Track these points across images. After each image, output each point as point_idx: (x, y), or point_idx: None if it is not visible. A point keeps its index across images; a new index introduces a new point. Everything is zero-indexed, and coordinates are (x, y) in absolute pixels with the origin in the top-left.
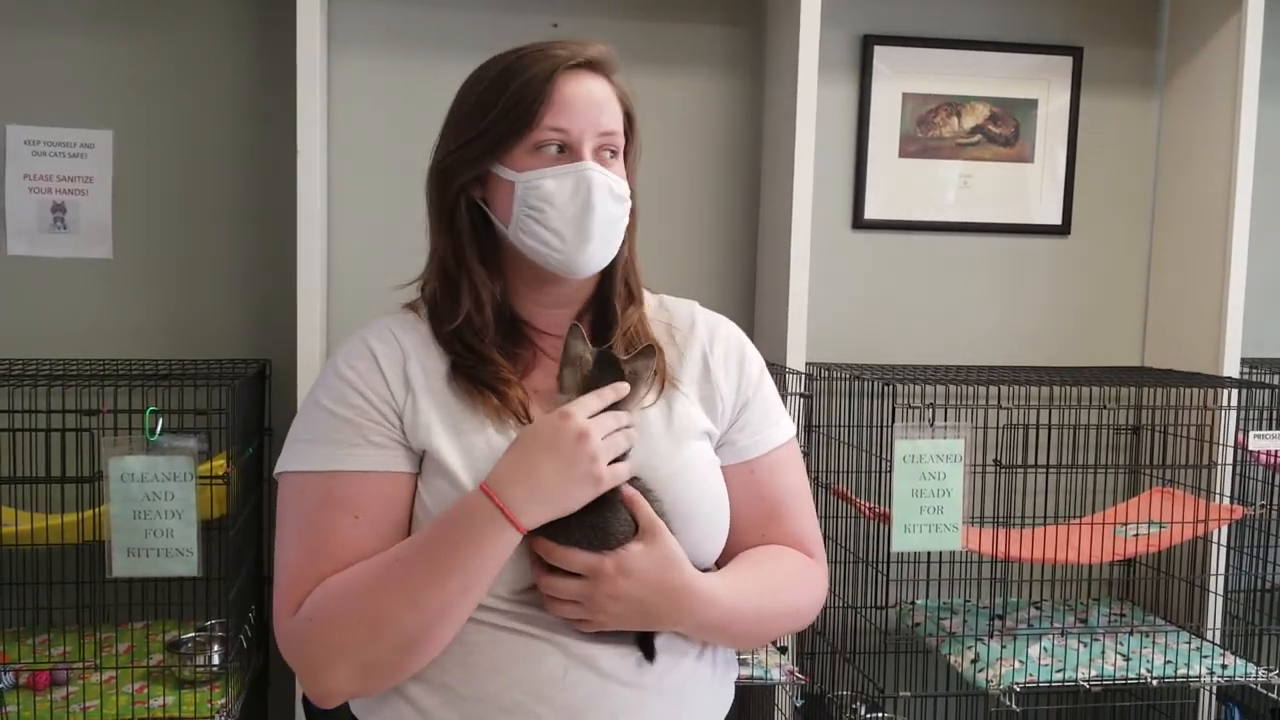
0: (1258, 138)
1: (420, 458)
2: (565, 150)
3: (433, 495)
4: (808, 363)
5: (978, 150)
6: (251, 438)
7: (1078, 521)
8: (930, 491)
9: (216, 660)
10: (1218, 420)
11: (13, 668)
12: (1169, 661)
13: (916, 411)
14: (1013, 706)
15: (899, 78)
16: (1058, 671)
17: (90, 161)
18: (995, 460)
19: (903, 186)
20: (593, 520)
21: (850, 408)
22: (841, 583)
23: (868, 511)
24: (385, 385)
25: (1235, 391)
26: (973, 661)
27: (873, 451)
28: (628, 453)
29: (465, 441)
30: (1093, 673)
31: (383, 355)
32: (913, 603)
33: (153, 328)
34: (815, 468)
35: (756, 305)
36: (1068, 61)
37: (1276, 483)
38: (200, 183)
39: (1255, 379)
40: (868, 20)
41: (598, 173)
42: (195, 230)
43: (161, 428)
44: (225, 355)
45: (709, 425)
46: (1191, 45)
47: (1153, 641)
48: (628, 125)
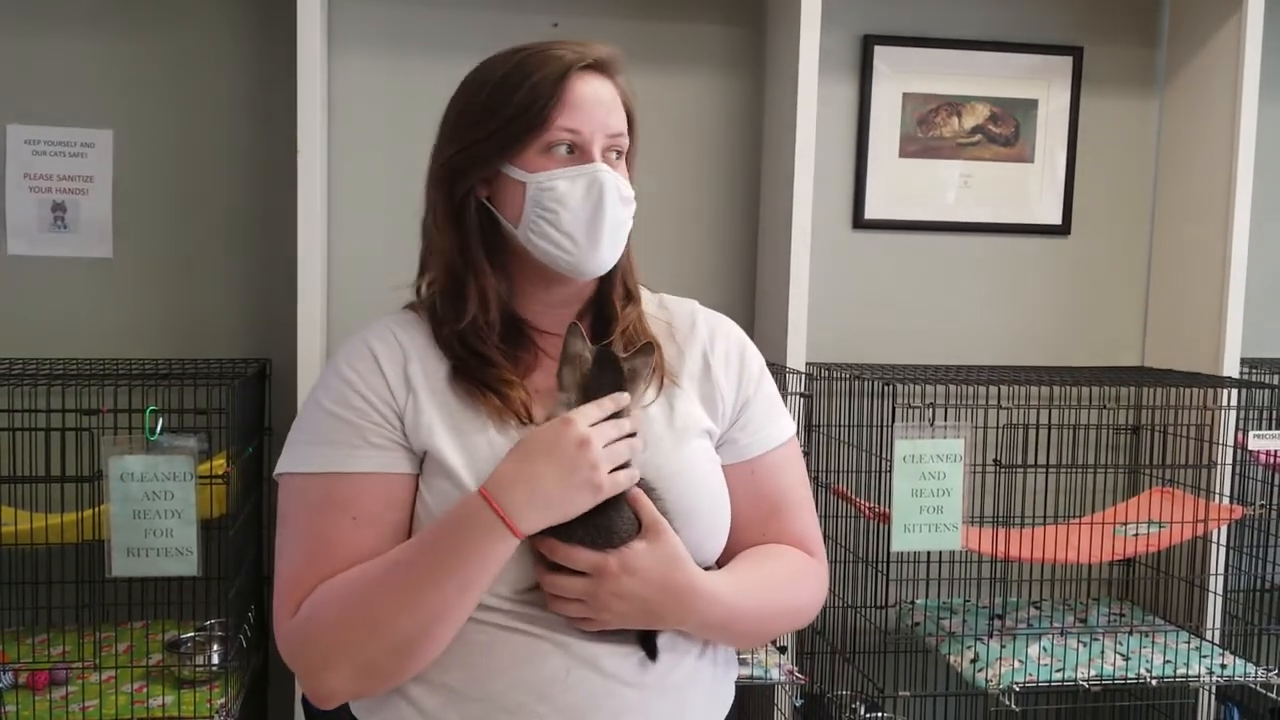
0: (1258, 138)
1: (421, 459)
2: (575, 151)
3: (435, 495)
4: (808, 363)
5: (978, 150)
6: (251, 437)
7: (1077, 521)
8: (930, 491)
9: (216, 660)
10: (1217, 420)
11: (12, 667)
12: (1168, 661)
13: (916, 411)
14: (1012, 706)
15: (899, 78)
16: (1057, 671)
17: (90, 161)
18: (995, 460)
19: (903, 186)
20: (596, 518)
21: (850, 407)
22: (841, 582)
23: (868, 511)
24: (386, 386)
25: (1235, 391)
26: (972, 661)
27: (873, 451)
28: (628, 462)
29: (467, 442)
30: (1092, 672)
31: (384, 356)
32: (912, 602)
33: (153, 328)
34: (815, 467)
35: (756, 305)
36: (1068, 61)
37: (1276, 483)
38: (200, 183)
39: (1255, 379)
40: (868, 20)
41: (608, 174)
42: (195, 230)
43: (161, 427)
44: (225, 355)
45: (710, 424)
46: (1191, 45)
47: (1152, 641)
48: (629, 126)
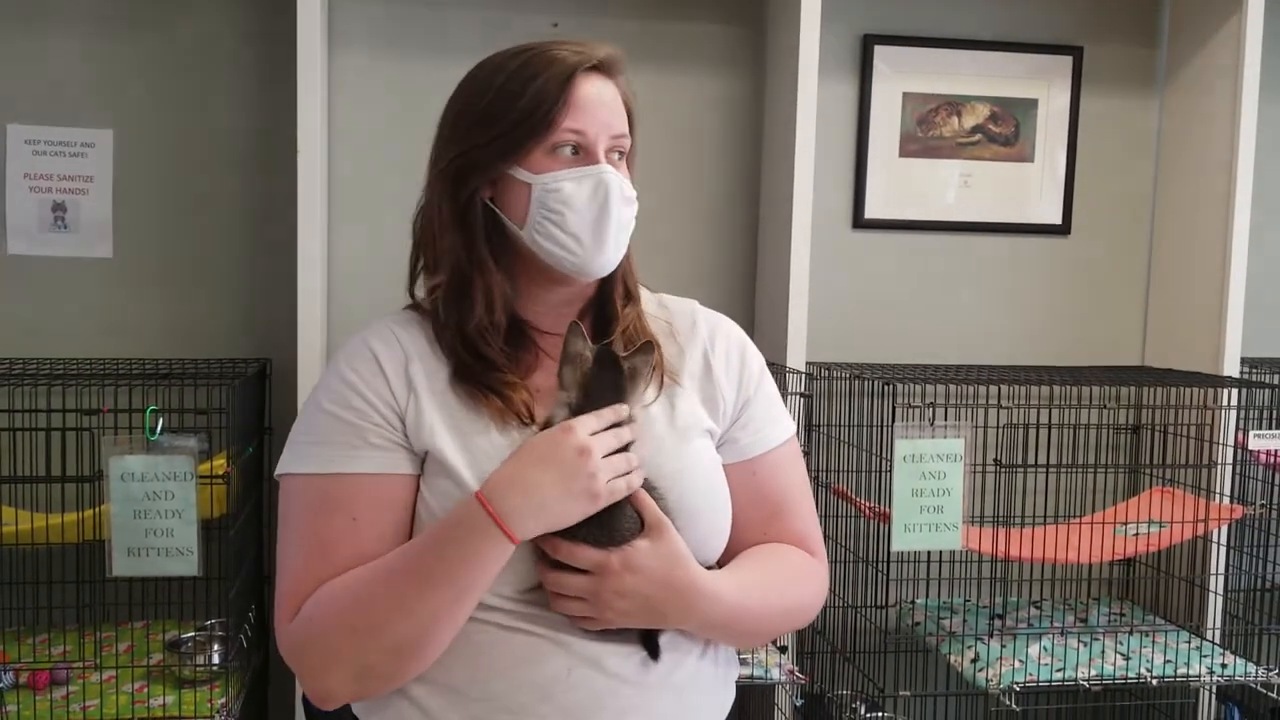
0: (1258, 138)
1: (422, 459)
2: (580, 152)
3: (436, 496)
4: (808, 362)
5: (978, 150)
6: (251, 437)
7: (1077, 521)
8: (930, 491)
9: (216, 660)
10: (1218, 420)
11: (13, 667)
12: (1169, 661)
13: (916, 411)
14: (1012, 706)
15: (899, 77)
16: (1057, 671)
17: (90, 161)
18: (995, 460)
19: (903, 186)
20: (599, 516)
21: (850, 407)
22: (841, 582)
23: (868, 511)
24: (387, 387)
25: (1235, 391)
26: (972, 661)
27: (873, 451)
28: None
29: (469, 443)
30: (1092, 672)
31: (385, 357)
32: (913, 602)
33: (153, 328)
34: (815, 467)
35: (756, 305)
36: (1068, 61)
37: (1276, 482)
38: (200, 182)
39: (1255, 379)
40: (868, 20)
41: (613, 175)
42: (195, 230)
43: (162, 427)
44: (225, 355)
45: (711, 423)
46: (1191, 45)
47: (1152, 641)
48: (629, 126)
